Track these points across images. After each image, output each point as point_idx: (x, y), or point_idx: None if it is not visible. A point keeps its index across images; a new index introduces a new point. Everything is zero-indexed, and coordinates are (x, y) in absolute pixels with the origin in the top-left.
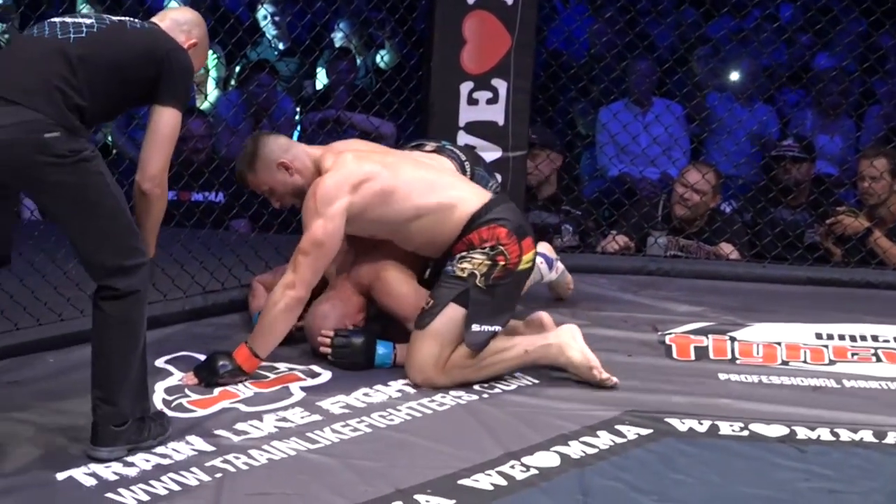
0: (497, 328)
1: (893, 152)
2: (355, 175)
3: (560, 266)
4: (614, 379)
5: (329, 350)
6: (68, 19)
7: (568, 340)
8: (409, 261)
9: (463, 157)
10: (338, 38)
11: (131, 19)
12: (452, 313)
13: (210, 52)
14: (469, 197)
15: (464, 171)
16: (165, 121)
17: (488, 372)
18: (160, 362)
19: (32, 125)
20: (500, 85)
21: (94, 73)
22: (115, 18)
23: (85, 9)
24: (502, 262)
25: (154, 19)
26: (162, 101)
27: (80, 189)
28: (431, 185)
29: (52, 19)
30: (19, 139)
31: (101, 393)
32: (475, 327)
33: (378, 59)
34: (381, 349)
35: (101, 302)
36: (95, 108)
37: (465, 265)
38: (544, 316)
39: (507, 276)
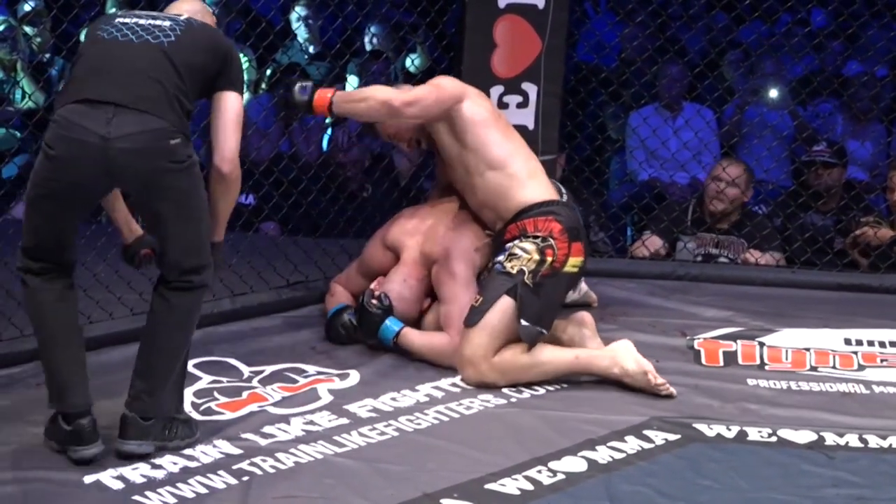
0: (543, 330)
1: None
2: (469, 89)
3: (584, 287)
4: (670, 388)
5: (373, 304)
6: (140, 20)
7: (622, 353)
8: (479, 254)
9: None
10: (368, 41)
11: (186, 17)
12: (504, 306)
13: (241, 55)
14: (541, 186)
15: None
16: (232, 104)
17: (538, 372)
18: (189, 366)
19: (160, 133)
20: (531, 89)
21: (193, 78)
22: (177, 17)
23: (113, 11)
24: (550, 258)
25: (178, 11)
26: (226, 88)
27: (189, 192)
28: (519, 154)
29: (119, 20)
30: (149, 147)
31: (144, 385)
32: (523, 322)
33: (409, 62)
34: (390, 322)
35: (170, 292)
36: (193, 110)
37: (514, 262)
38: (586, 315)
39: (553, 276)
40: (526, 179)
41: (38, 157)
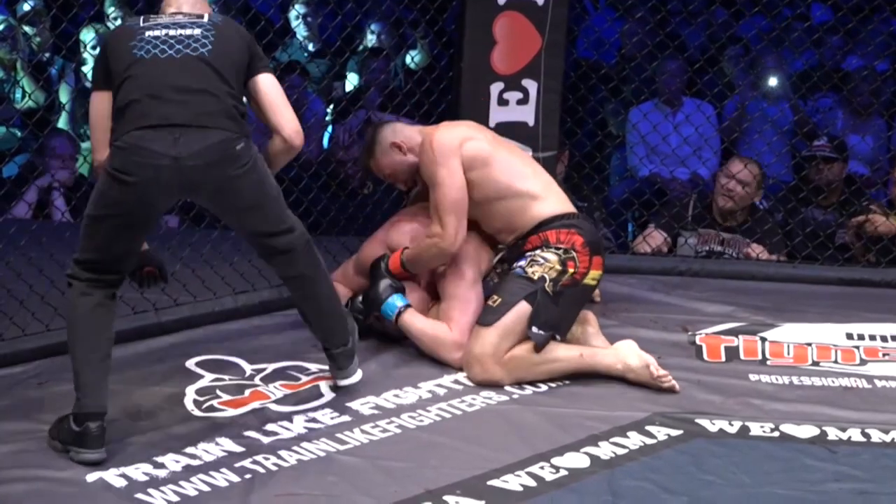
0: (555, 335)
1: None
2: (462, 133)
3: None
4: (672, 380)
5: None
6: (170, 31)
7: (624, 349)
8: (485, 258)
9: None
10: (368, 38)
11: (207, 18)
12: (521, 311)
13: None
14: (559, 199)
15: None
16: (272, 82)
17: (543, 370)
18: (190, 364)
19: (224, 144)
20: (531, 85)
21: (237, 78)
22: (201, 21)
23: (112, 10)
24: (572, 270)
25: (188, 9)
26: (260, 71)
27: (261, 182)
28: (524, 173)
29: (148, 33)
30: (217, 159)
31: (333, 340)
32: (534, 329)
33: (409, 59)
34: (396, 298)
35: (295, 256)
36: (245, 108)
37: (536, 268)
38: (589, 314)
39: (573, 286)
40: (541, 193)
41: (104, 181)
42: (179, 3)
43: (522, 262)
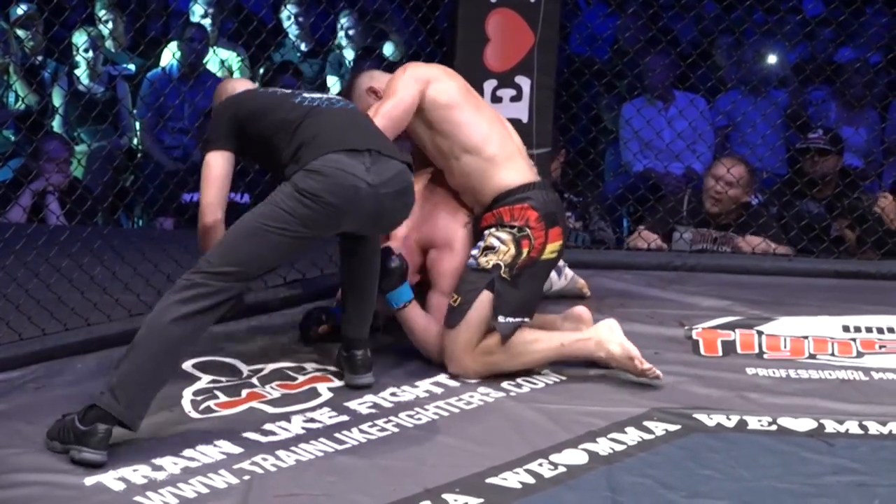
0: (524, 319)
1: None
2: (435, 72)
3: (569, 273)
4: (657, 371)
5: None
6: (316, 95)
7: (606, 334)
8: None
9: None
10: (342, 34)
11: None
12: (483, 302)
13: (234, 54)
14: (518, 169)
15: None
16: None
17: (522, 361)
18: (187, 366)
19: (404, 173)
20: (524, 82)
21: None
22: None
23: (103, 13)
24: (526, 249)
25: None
26: None
27: None
28: (494, 134)
29: (303, 94)
30: (401, 188)
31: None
32: (501, 318)
33: (387, 51)
34: (404, 290)
35: (363, 248)
36: None
37: (490, 256)
38: (583, 310)
39: (531, 265)
40: (503, 162)
41: (288, 197)
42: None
43: (475, 252)
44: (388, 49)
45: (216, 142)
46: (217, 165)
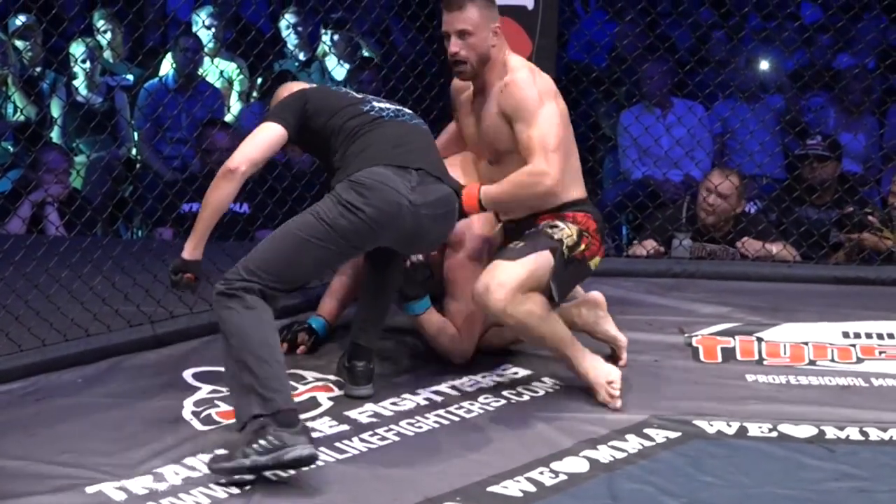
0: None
1: None
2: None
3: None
4: (618, 403)
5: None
6: (385, 104)
7: (604, 373)
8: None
9: None
10: (291, 42)
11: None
12: (545, 256)
13: (233, 65)
14: (582, 184)
15: None
16: None
17: (547, 329)
18: (188, 376)
19: (450, 197)
20: None
21: None
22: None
23: (101, 23)
24: (584, 246)
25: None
26: None
27: None
28: (573, 148)
29: (373, 102)
30: (444, 212)
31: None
32: (552, 285)
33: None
34: (423, 301)
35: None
36: None
37: (555, 231)
38: (599, 297)
39: (581, 261)
40: (575, 174)
41: (331, 209)
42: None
43: (539, 226)
44: (364, 53)
45: (279, 118)
46: (270, 132)
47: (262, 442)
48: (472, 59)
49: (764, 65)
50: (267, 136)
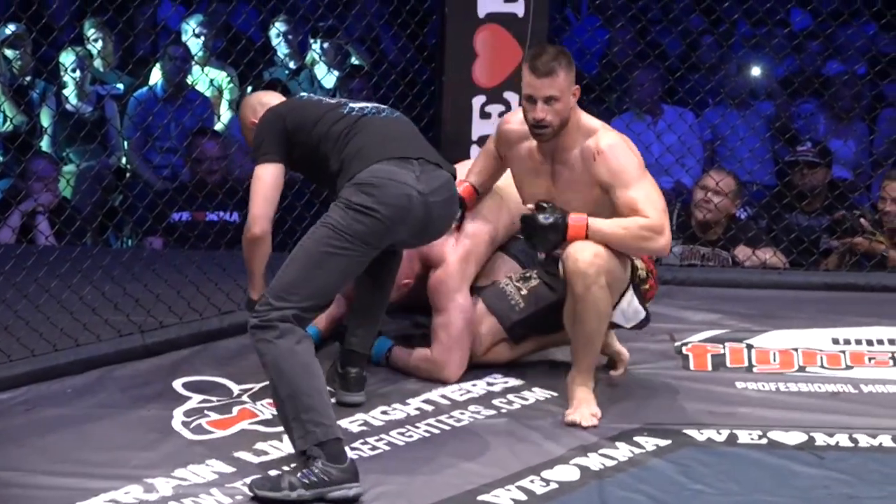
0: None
1: None
2: None
3: None
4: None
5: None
6: (363, 103)
7: (578, 409)
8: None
9: None
10: (274, 41)
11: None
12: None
13: (223, 73)
14: None
15: None
16: None
17: (602, 327)
18: (177, 385)
19: (451, 183)
20: (513, 98)
21: None
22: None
23: (92, 32)
24: (648, 286)
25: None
26: None
27: None
28: None
29: (349, 103)
30: (450, 197)
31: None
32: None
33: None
34: (380, 343)
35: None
36: None
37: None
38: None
39: (639, 294)
40: None
41: (342, 216)
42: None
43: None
44: (354, 59)
45: (266, 153)
46: (267, 176)
47: (309, 476)
48: (555, 123)
49: (754, 71)
50: (267, 184)
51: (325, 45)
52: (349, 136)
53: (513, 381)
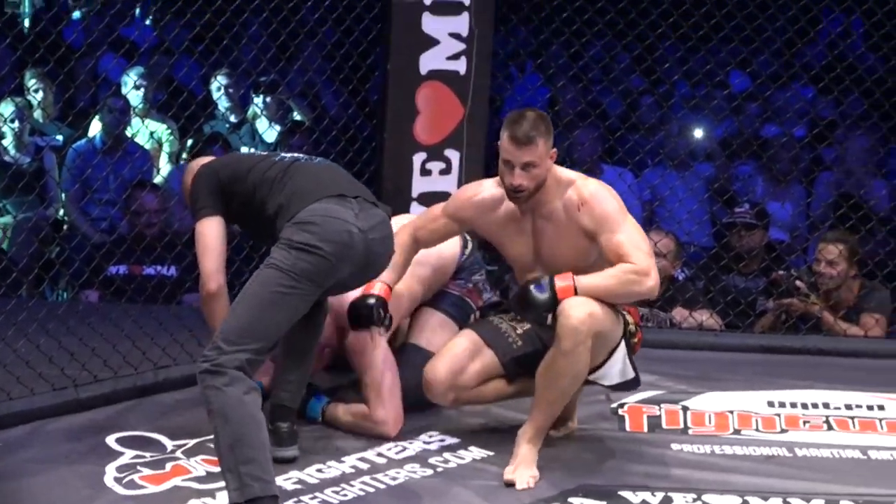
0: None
1: (851, 238)
2: None
3: None
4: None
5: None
6: (294, 154)
7: (518, 468)
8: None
9: (468, 236)
10: (222, 104)
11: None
12: (619, 324)
13: (164, 126)
14: None
15: (465, 247)
16: None
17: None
18: (111, 441)
19: (387, 221)
20: (453, 155)
21: None
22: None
23: (33, 83)
24: (637, 339)
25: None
26: None
27: None
28: None
29: (280, 153)
30: (387, 234)
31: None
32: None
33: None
34: (315, 400)
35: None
36: None
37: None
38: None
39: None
40: None
41: (286, 256)
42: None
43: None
44: (296, 115)
45: (204, 208)
46: (210, 231)
47: None
48: (531, 187)
49: (693, 132)
50: (211, 238)
51: (267, 99)
52: (285, 180)
53: (449, 440)
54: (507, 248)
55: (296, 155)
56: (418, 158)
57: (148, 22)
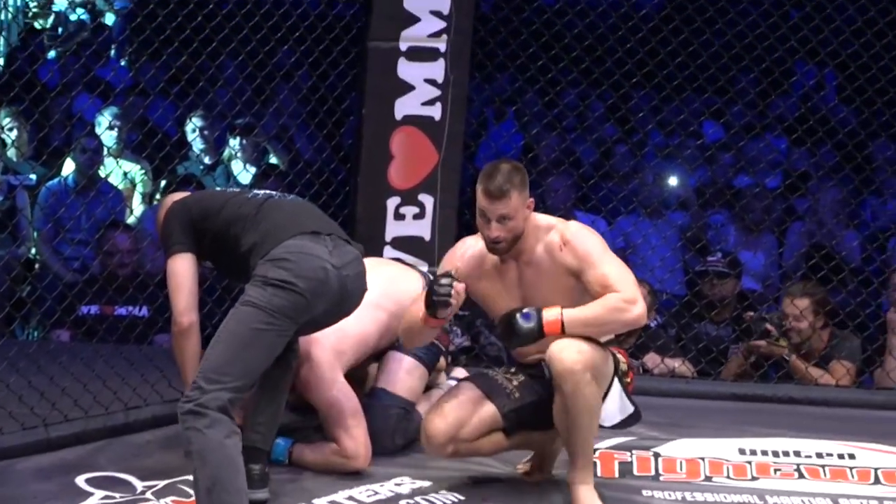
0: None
1: (818, 291)
2: None
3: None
4: None
5: None
6: (266, 191)
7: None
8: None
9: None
10: (196, 146)
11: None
12: (608, 362)
13: (138, 166)
14: None
15: None
16: None
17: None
18: (80, 481)
19: (360, 258)
20: (427, 200)
21: None
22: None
23: (7, 121)
24: (630, 379)
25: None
26: None
27: None
28: None
29: (253, 190)
30: (361, 271)
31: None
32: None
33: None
34: (281, 441)
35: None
36: None
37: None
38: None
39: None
40: None
41: (261, 294)
42: None
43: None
44: (273, 158)
45: (174, 245)
46: (182, 269)
47: None
48: (509, 238)
49: (667, 181)
50: (183, 275)
51: (243, 141)
52: (258, 217)
53: (420, 483)
54: (497, 304)
55: (269, 192)
56: (392, 203)
57: (123, 63)
